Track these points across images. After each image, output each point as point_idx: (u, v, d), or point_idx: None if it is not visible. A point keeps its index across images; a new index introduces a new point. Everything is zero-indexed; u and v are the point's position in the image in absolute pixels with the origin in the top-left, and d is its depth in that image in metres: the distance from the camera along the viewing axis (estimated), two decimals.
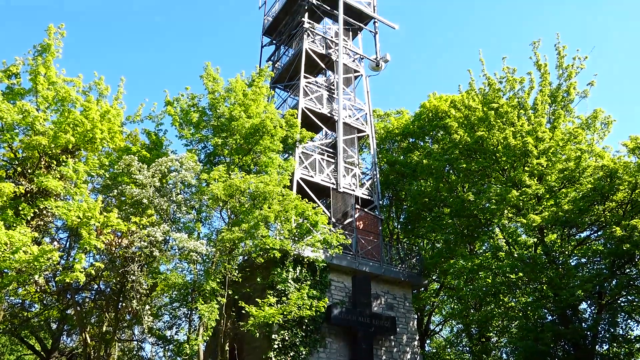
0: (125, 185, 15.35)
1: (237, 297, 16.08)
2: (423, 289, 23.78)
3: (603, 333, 18.18)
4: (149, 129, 18.86)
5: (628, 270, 18.21)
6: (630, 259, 17.74)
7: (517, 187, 19.15)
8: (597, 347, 18.03)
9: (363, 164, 23.73)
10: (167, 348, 18.63)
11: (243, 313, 15.84)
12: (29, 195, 14.55)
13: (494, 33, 64.37)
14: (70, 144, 14.64)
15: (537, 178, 19.33)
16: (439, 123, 24.81)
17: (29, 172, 14.95)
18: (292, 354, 16.48)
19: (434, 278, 25.15)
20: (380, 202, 22.99)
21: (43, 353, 18.52)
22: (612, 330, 18.09)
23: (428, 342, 28.35)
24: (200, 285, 14.88)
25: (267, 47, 27.25)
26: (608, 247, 17.79)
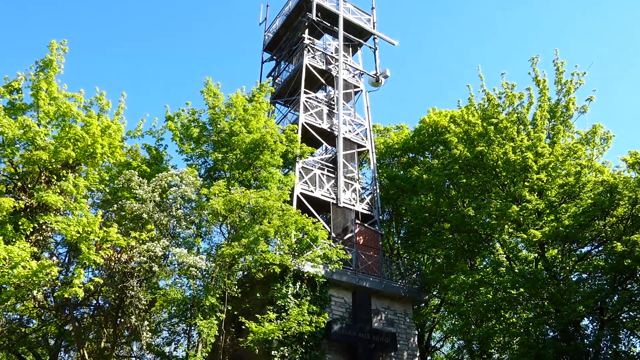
0: (125, 200, 15.34)
1: (236, 312, 15.97)
2: (424, 305, 23.66)
3: (605, 350, 18.02)
4: (150, 144, 18.92)
5: (630, 286, 18.11)
6: (632, 275, 17.67)
7: (517, 202, 19.14)
8: None
9: (363, 179, 23.75)
10: None
11: (242, 329, 15.73)
12: (29, 210, 14.52)
13: (493, 49, 64.87)
14: (71, 159, 14.65)
15: (537, 193, 19.33)
16: (439, 138, 24.87)
17: (29, 186, 14.94)
18: None
19: (435, 294, 25.01)
20: (381, 217, 22.95)
21: None
22: (614, 347, 17.94)
23: (429, 358, 28.08)
24: (200, 301, 14.79)
25: (267, 62, 27.46)
26: (609, 262, 17.73)
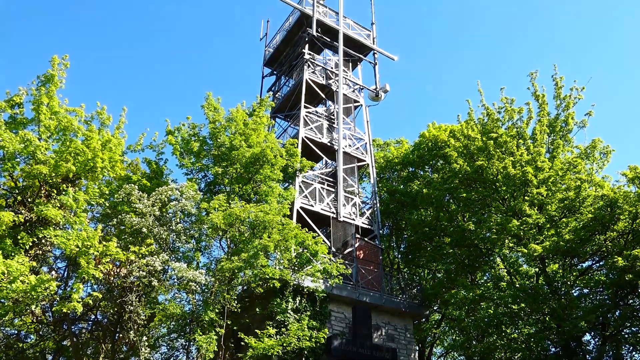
0: (125, 214, 15.32)
1: (236, 327, 15.86)
2: (424, 320, 23.48)
3: None
4: (150, 158, 18.97)
5: (631, 301, 18.01)
6: (633, 290, 17.58)
7: (517, 216, 19.12)
8: None
9: (363, 193, 23.74)
10: None
11: (242, 344, 15.60)
12: (28, 224, 14.50)
13: (493, 63, 65.30)
14: (71, 173, 14.68)
15: (537, 207, 19.31)
16: (439, 152, 24.90)
17: (29, 201, 14.94)
18: None
19: (435, 308, 24.86)
20: (381, 231, 22.91)
21: None
22: None
23: None
24: (199, 316, 14.70)
25: (267, 77, 27.61)
26: (610, 277, 17.65)
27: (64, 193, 14.36)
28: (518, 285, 18.78)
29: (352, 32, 26.45)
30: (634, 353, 18.19)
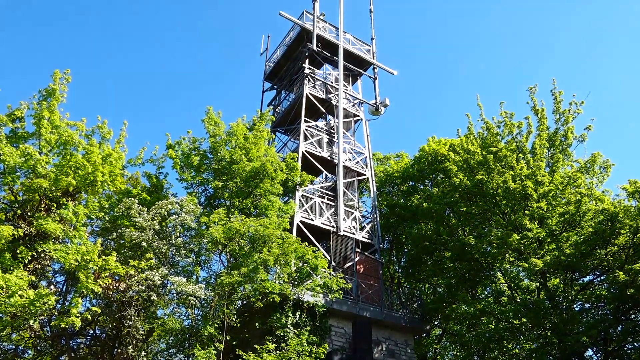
0: (125, 228, 15.29)
1: (235, 342, 15.74)
2: (425, 335, 23.31)
3: None
4: (150, 172, 18.98)
5: (633, 316, 17.90)
6: (635, 305, 17.47)
7: (517, 230, 19.08)
8: None
9: (363, 207, 23.72)
10: None
11: None
12: (28, 238, 14.46)
13: (492, 77, 65.66)
14: (71, 187, 14.68)
15: (537, 222, 19.28)
16: (439, 166, 24.93)
17: (29, 214, 14.92)
18: None
19: (436, 323, 24.70)
20: (381, 245, 22.85)
21: None
22: None
23: None
24: (198, 331, 14.59)
25: (268, 92, 27.76)
26: (612, 292, 17.56)
27: (64, 207, 14.35)
28: (519, 300, 18.67)
29: (352, 47, 26.65)
30: None
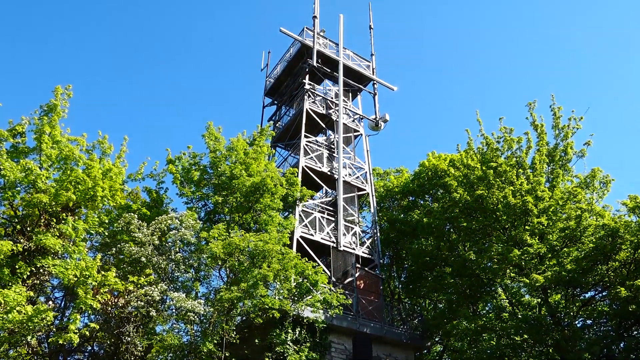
0: (124, 244, 15.25)
1: (234, 359, 15.60)
2: (426, 351, 23.11)
3: None
4: (150, 187, 19.00)
5: (636, 332, 17.76)
6: (638, 321, 17.35)
7: (518, 246, 19.02)
8: None
9: (363, 223, 23.68)
10: None
11: None
12: (27, 254, 14.41)
13: (491, 93, 65.99)
14: (71, 202, 14.66)
15: (538, 237, 19.23)
16: (439, 182, 24.95)
17: (28, 229, 14.88)
18: None
19: (437, 340, 24.50)
20: (381, 261, 22.76)
21: None
22: None
23: None
24: (197, 347, 14.47)
25: (268, 107, 27.90)
26: (614, 308, 17.45)
27: (64, 222, 14.32)
28: (520, 316, 18.54)
29: (351, 62, 26.83)
30: None
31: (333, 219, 21.82)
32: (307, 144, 23.30)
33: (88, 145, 15.99)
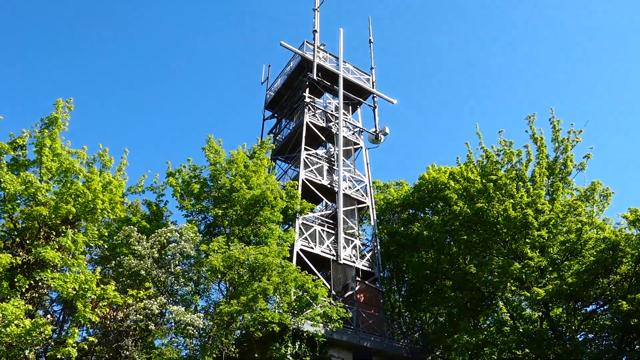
0: (124, 257, 15.20)
1: None
2: None
3: None
4: (150, 200, 18.98)
5: (638, 347, 17.62)
6: (639, 335, 17.23)
7: (519, 259, 18.94)
8: None
9: (363, 235, 23.62)
10: None
11: None
12: (26, 267, 14.34)
13: (491, 106, 66.24)
14: (71, 215, 14.63)
15: (538, 250, 19.15)
16: (439, 194, 24.91)
17: (28, 242, 14.82)
18: None
19: (438, 354, 24.27)
20: (381, 274, 22.67)
21: None
22: None
23: None
24: None
25: (268, 120, 27.97)
26: (615, 321, 17.34)
27: (63, 235, 14.27)
28: (522, 330, 18.41)
29: (351, 76, 26.95)
30: None
31: (333, 232, 21.77)
32: (307, 157, 23.32)
33: (88, 158, 15.99)
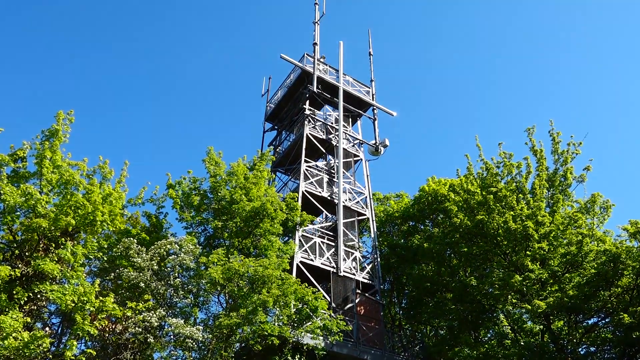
0: (123, 269, 15.15)
1: None
2: None
3: None
4: (150, 212, 18.95)
5: None
6: None
7: (519, 271, 18.89)
8: None
9: (363, 248, 23.56)
10: None
11: None
12: (24, 279, 14.29)
13: (490, 118, 66.45)
14: (71, 227, 14.60)
15: (539, 262, 19.11)
16: (439, 207, 24.90)
17: (27, 254, 14.78)
18: None
19: None
20: (382, 286, 22.58)
21: None
22: None
23: None
24: None
25: (269, 132, 28.05)
26: (617, 335, 17.24)
27: (63, 247, 14.23)
28: (523, 343, 18.30)
29: (351, 88, 27.07)
30: None
31: (333, 244, 21.72)
32: (307, 169, 23.35)
33: (89, 170, 15.99)
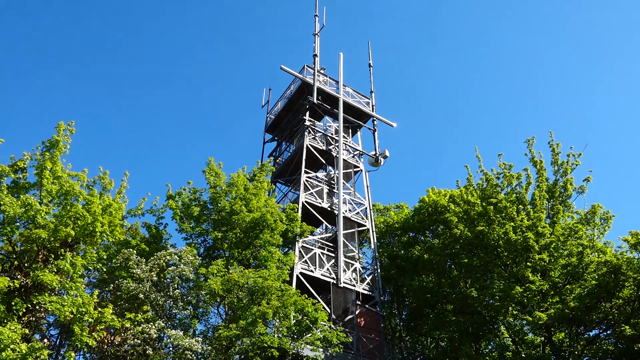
0: (122, 280, 15.10)
1: None
2: None
3: None
4: (150, 223, 18.92)
5: None
6: None
7: (520, 282, 18.81)
8: None
9: (363, 259, 23.50)
10: None
11: None
12: (23, 290, 14.23)
13: (490, 129, 66.60)
14: (70, 238, 14.57)
15: (540, 273, 19.04)
16: (439, 217, 24.85)
17: (26, 265, 14.74)
18: None
19: None
20: (382, 297, 22.48)
21: None
22: None
23: None
24: None
25: (269, 143, 28.09)
26: (619, 346, 17.13)
27: (62, 258, 14.19)
28: (524, 355, 18.18)
29: (351, 99, 27.16)
30: None
31: (333, 255, 21.66)
32: (307, 180, 23.35)
33: (89, 181, 16.00)
